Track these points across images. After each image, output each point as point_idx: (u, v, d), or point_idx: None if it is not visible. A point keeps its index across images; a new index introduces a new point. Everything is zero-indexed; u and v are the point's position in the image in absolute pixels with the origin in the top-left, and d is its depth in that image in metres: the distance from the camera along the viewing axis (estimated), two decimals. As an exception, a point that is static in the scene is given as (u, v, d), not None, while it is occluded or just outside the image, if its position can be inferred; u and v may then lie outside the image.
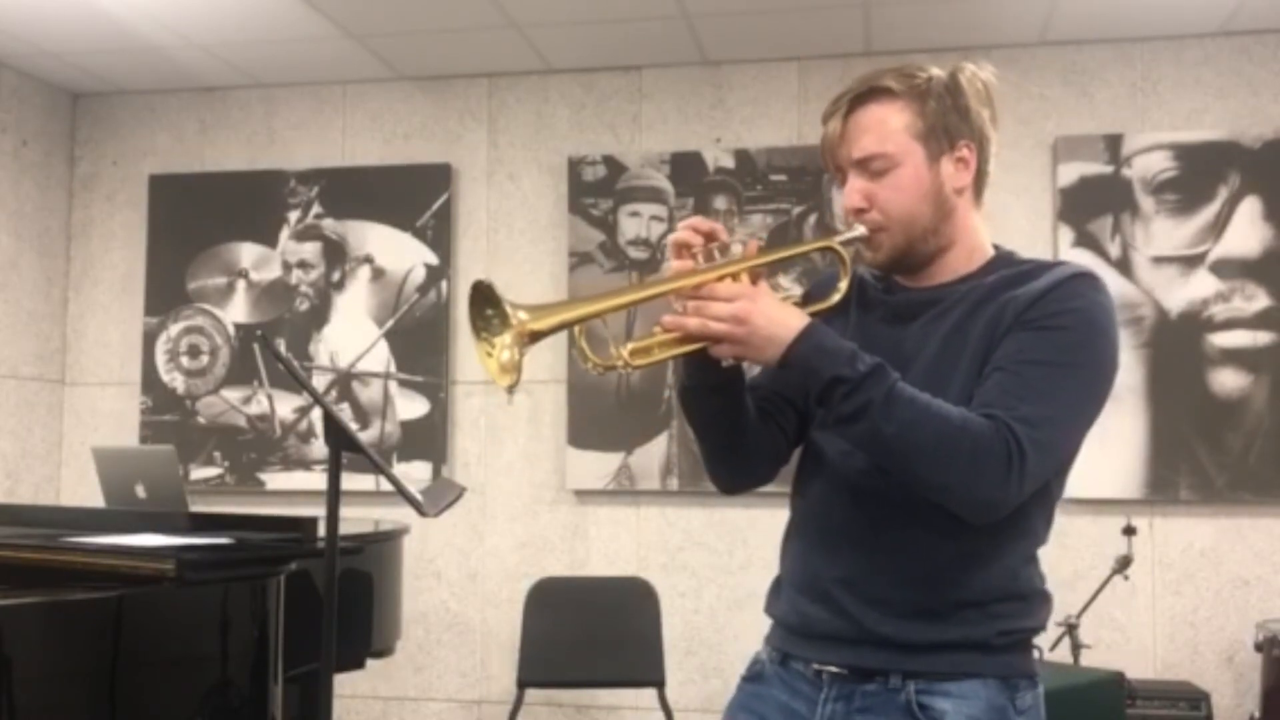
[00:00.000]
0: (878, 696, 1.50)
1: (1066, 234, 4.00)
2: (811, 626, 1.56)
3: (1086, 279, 1.51)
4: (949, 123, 1.55)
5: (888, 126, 1.53)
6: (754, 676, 1.65)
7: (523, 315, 1.39)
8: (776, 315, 1.44)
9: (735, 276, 1.47)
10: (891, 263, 1.59)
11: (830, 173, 1.62)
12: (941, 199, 1.55)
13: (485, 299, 1.41)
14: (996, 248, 1.63)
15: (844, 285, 1.58)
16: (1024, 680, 1.52)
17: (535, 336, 1.40)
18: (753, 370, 1.60)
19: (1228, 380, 3.88)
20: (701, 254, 1.49)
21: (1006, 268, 1.57)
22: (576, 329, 1.46)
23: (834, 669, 1.53)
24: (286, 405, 4.47)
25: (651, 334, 1.49)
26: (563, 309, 1.45)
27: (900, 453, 1.41)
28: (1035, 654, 1.60)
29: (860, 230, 1.56)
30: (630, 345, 1.48)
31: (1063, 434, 1.47)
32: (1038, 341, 1.45)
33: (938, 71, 1.57)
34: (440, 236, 4.42)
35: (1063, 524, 1.72)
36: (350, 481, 3.58)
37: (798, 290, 1.72)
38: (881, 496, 1.51)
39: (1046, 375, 1.44)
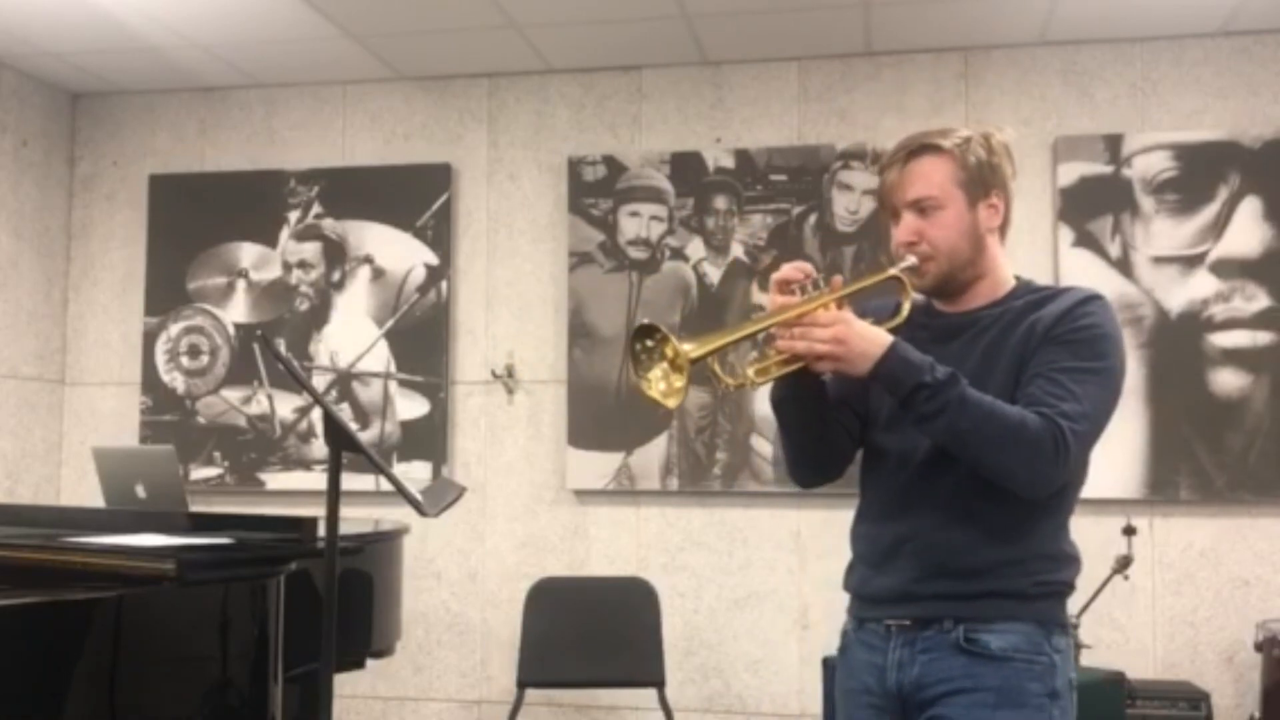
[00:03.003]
0: (934, 639, 1.84)
1: (1067, 234, 4.00)
2: (881, 592, 1.91)
3: (1098, 300, 1.86)
4: (984, 175, 1.90)
5: (937, 175, 1.89)
6: (842, 649, 2.00)
7: (686, 346, 1.74)
8: (869, 335, 1.78)
9: (826, 306, 1.79)
10: (934, 288, 1.93)
11: (885, 214, 1.96)
12: (977, 237, 1.91)
13: (647, 334, 1.75)
14: (1017, 277, 1.96)
15: (906, 306, 1.91)
16: (1057, 628, 1.85)
17: (693, 362, 1.74)
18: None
19: (1228, 380, 3.88)
20: (798, 288, 1.81)
21: (1029, 294, 1.91)
22: (711, 359, 1.79)
23: (899, 623, 1.87)
24: (286, 405, 4.47)
25: (766, 355, 1.84)
26: (712, 339, 1.79)
27: (973, 443, 1.74)
28: None
29: (911, 260, 1.89)
30: (753, 367, 1.85)
31: (1095, 425, 1.79)
32: (1066, 352, 1.79)
33: (974, 134, 1.92)
34: (440, 236, 4.42)
35: (1064, 524, 1.78)
36: (350, 481, 3.58)
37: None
38: (937, 484, 1.84)
39: (1077, 379, 1.77)
